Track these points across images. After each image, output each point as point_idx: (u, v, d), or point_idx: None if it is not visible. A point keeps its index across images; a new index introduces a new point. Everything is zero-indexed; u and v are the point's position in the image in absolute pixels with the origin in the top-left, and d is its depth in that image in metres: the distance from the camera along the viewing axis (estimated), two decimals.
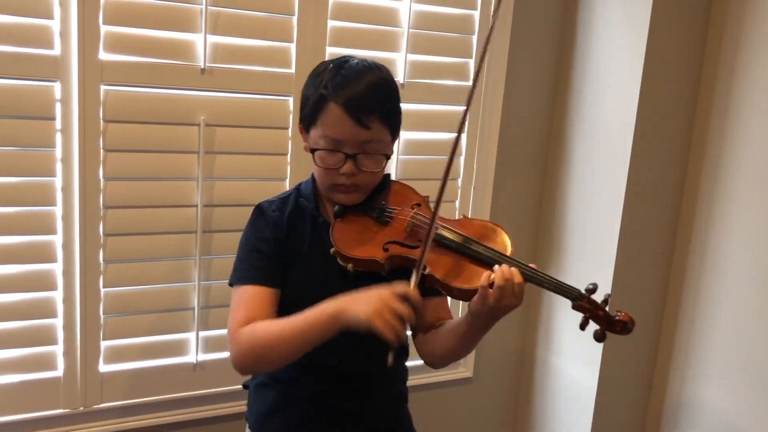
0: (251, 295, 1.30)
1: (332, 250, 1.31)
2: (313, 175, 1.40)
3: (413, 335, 1.44)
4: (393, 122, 1.34)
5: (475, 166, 2.17)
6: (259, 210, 1.38)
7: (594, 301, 1.24)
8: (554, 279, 1.24)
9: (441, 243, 1.29)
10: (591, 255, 2.16)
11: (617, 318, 1.23)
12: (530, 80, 2.22)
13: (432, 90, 2.06)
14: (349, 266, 1.30)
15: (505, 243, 1.31)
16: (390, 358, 1.16)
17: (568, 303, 1.28)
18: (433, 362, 1.41)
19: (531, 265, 1.25)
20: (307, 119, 1.32)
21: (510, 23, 2.11)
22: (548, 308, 2.32)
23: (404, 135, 2.04)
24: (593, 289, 1.25)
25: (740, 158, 1.97)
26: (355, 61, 1.31)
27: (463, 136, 2.14)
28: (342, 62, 1.31)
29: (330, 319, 1.18)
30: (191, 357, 1.88)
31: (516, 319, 2.40)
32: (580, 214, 2.20)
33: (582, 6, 2.17)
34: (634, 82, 1.99)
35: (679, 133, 2.10)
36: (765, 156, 1.90)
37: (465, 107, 1.25)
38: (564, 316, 2.26)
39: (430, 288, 1.27)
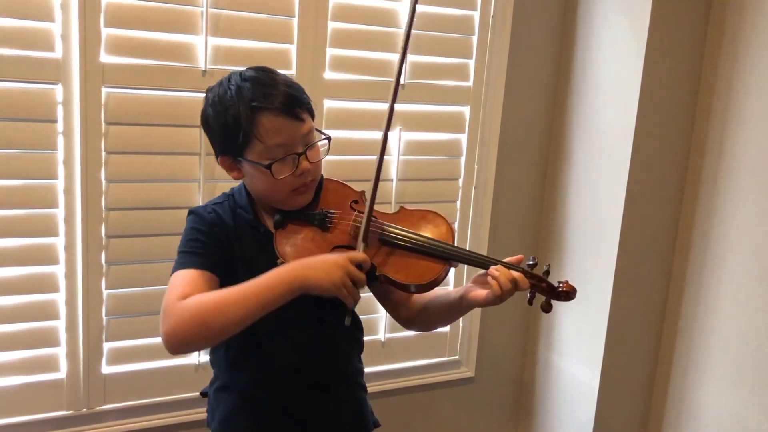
0: (191, 277, 1.26)
1: (279, 261, 1.30)
2: (245, 186, 1.37)
3: (388, 308, 1.50)
4: (312, 110, 1.34)
5: (475, 167, 2.17)
6: (195, 213, 1.35)
7: (537, 275, 1.29)
8: (498, 260, 1.30)
9: (386, 241, 1.31)
10: (592, 255, 2.16)
11: (561, 289, 1.29)
12: (530, 80, 2.22)
13: (432, 90, 2.07)
14: None
15: (446, 231, 1.34)
16: (347, 320, 1.25)
17: (569, 302, 1.29)
18: (416, 329, 1.55)
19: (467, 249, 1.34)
20: (240, 145, 1.26)
21: (510, 23, 2.12)
22: None
23: (405, 135, 2.04)
24: (534, 264, 1.30)
25: (741, 156, 1.97)
26: (250, 72, 1.30)
27: (464, 136, 2.15)
28: (243, 77, 1.28)
29: (287, 286, 1.19)
30: (193, 358, 1.89)
31: (517, 318, 2.40)
32: (581, 213, 2.20)
33: (582, 6, 2.17)
34: (635, 82, 1.99)
35: (679, 133, 2.10)
36: (765, 153, 1.90)
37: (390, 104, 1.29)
38: (565, 315, 2.26)
39: None
